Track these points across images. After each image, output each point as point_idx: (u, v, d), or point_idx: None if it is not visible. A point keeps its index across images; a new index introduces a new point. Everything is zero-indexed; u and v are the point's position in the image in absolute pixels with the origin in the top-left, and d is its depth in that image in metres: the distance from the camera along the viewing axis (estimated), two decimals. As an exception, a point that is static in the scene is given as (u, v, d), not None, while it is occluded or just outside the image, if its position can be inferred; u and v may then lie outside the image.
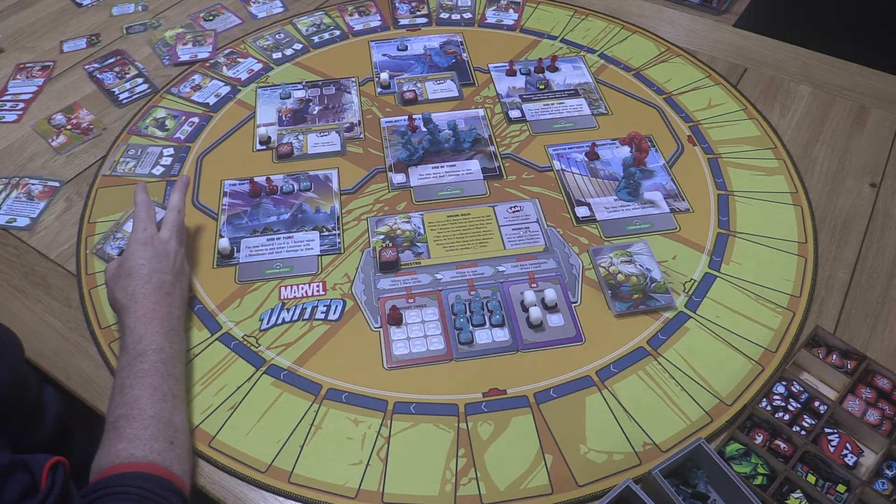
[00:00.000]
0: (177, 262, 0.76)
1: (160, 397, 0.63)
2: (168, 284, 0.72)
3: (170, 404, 0.63)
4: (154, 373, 0.64)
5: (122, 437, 0.59)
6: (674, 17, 1.21)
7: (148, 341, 0.66)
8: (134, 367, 0.64)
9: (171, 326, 0.70)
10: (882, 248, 0.85)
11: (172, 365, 0.67)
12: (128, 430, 0.60)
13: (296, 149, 0.97)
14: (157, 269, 0.73)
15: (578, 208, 0.89)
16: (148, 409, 0.61)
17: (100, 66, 1.12)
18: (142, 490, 0.56)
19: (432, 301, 0.79)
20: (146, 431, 0.60)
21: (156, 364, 0.65)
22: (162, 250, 0.75)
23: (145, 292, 0.70)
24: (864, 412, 0.68)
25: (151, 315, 0.68)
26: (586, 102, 1.04)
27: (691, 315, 0.78)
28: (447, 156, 0.96)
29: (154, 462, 0.58)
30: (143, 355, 0.65)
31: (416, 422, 0.69)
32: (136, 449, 0.58)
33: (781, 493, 0.63)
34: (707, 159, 0.95)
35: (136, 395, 0.62)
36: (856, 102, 1.04)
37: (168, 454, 0.60)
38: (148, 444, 0.59)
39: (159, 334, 0.67)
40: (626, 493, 0.61)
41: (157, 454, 0.59)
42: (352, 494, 0.64)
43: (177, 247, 0.77)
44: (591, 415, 0.70)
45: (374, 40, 1.16)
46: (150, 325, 0.67)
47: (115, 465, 0.57)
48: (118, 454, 0.58)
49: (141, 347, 0.66)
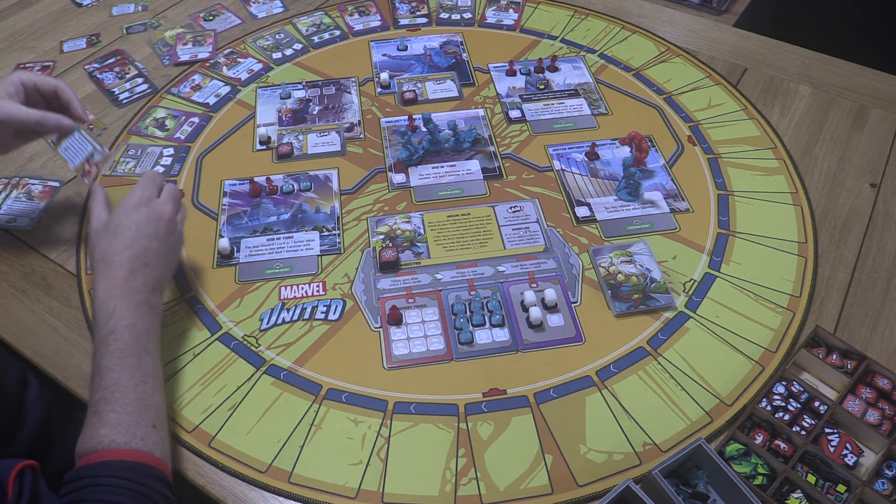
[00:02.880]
0: (169, 228, 0.72)
1: (140, 379, 0.61)
2: (151, 253, 0.69)
3: (150, 385, 0.62)
4: (130, 352, 0.62)
5: (104, 422, 0.58)
6: (674, 17, 1.21)
7: (119, 317, 0.64)
8: (108, 347, 0.62)
9: (144, 299, 0.67)
10: (882, 248, 0.85)
11: (147, 341, 0.65)
12: (110, 415, 0.59)
13: (296, 149, 0.97)
14: (142, 234, 0.69)
15: (578, 208, 0.89)
16: (129, 392, 0.60)
17: (100, 66, 1.12)
18: (124, 480, 0.55)
19: (432, 301, 0.79)
20: (128, 416, 0.59)
21: (129, 343, 0.63)
22: (154, 213, 0.71)
23: (122, 259, 0.67)
24: (864, 412, 0.68)
25: (123, 287, 0.66)
26: (586, 102, 1.04)
27: (691, 315, 0.78)
28: (447, 156, 0.96)
29: (137, 448, 0.58)
30: (115, 333, 0.63)
31: (416, 422, 0.69)
32: (117, 435, 0.57)
33: (781, 493, 0.63)
34: (707, 159, 0.95)
35: (115, 378, 0.61)
36: (856, 102, 1.04)
37: (150, 438, 0.59)
38: (130, 430, 0.58)
39: (130, 308, 0.65)
40: (626, 493, 0.61)
41: (139, 440, 0.58)
42: (352, 494, 0.64)
43: (172, 212, 0.73)
44: (591, 415, 0.70)
45: (374, 40, 1.16)
46: (119, 300, 0.65)
47: (97, 452, 0.57)
48: (100, 440, 0.57)
49: (112, 324, 0.63)
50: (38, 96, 0.80)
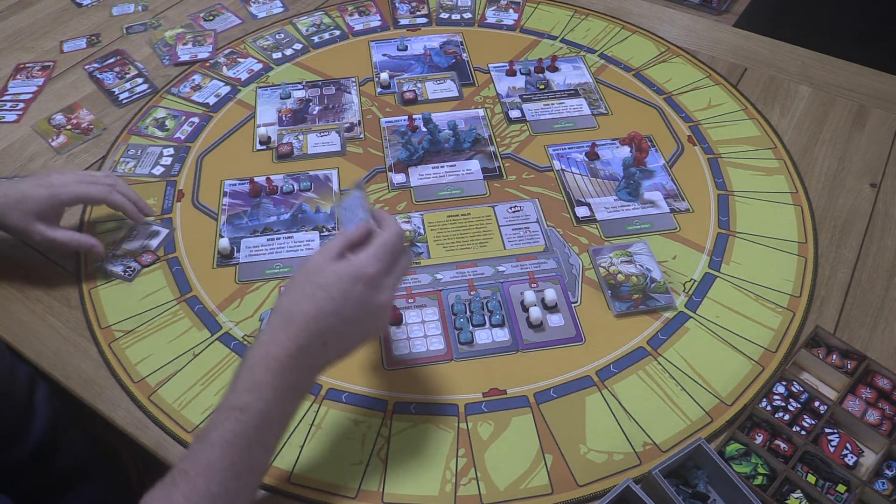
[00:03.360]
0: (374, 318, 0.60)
1: (234, 474, 0.53)
2: (337, 337, 0.57)
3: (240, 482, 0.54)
4: (243, 441, 0.53)
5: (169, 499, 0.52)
6: (674, 17, 1.21)
7: (257, 396, 0.54)
8: (226, 422, 0.53)
9: (297, 383, 0.56)
10: (882, 248, 0.85)
11: (269, 432, 0.55)
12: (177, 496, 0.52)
13: (296, 149, 0.97)
14: (344, 314, 0.56)
15: (578, 208, 0.89)
16: (214, 481, 0.52)
17: (100, 66, 1.12)
18: None
19: (432, 301, 0.79)
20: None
21: (249, 428, 0.53)
22: (375, 302, 0.58)
23: (304, 327, 0.55)
24: (864, 412, 0.68)
25: (283, 362, 0.55)
26: (586, 102, 1.04)
27: (691, 315, 0.78)
28: (447, 156, 0.96)
29: None
30: (244, 410, 0.54)
31: (416, 422, 0.69)
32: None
33: (781, 493, 0.63)
34: (707, 159, 0.95)
35: (209, 459, 0.53)
36: (856, 102, 1.04)
37: None
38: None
39: (275, 390, 0.54)
40: (626, 493, 0.61)
41: None
42: (352, 494, 0.64)
43: (390, 303, 0.60)
44: (591, 415, 0.70)
45: (374, 40, 1.16)
46: (270, 375, 0.54)
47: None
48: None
49: (246, 400, 0.54)
50: None
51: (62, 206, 0.78)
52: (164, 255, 0.84)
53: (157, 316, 0.78)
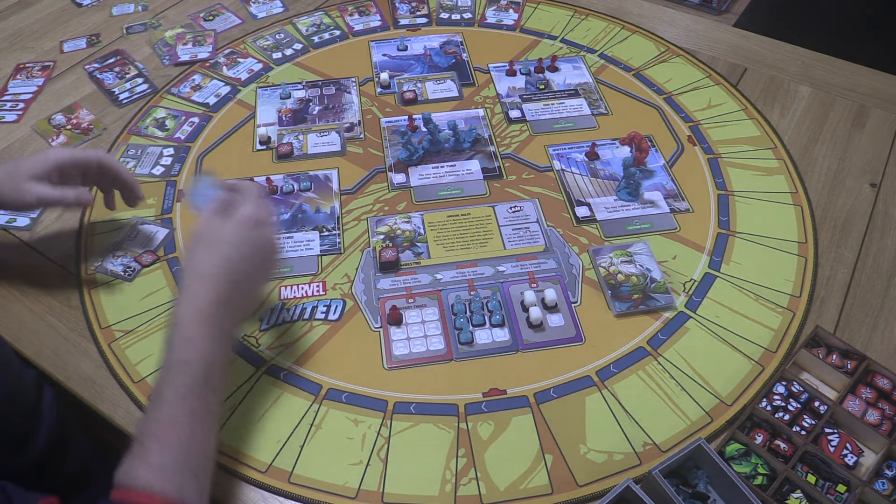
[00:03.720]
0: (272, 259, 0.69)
1: (197, 421, 0.57)
2: (248, 281, 0.65)
3: (203, 427, 0.58)
4: (195, 391, 0.58)
5: (146, 462, 0.55)
6: (674, 17, 1.21)
7: (196, 347, 0.59)
8: (175, 379, 0.58)
9: (228, 330, 0.62)
10: (882, 248, 0.85)
11: (215, 378, 0.60)
12: (153, 457, 0.55)
13: (296, 149, 0.97)
14: (247, 259, 0.64)
15: (578, 208, 0.89)
16: (181, 432, 0.56)
17: (100, 66, 1.12)
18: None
19: (432, 301, 0.79)
20: (172, 461, 0.55)
21: (198, 379, 0.58)
22: (266, 241, 0.67)
23: (219, 280, 0.62)
24: (864, 412, 0.68)
25: (209, 312, 0.61)
26: (586, 102, 1.04)
27: (691, 315, 0.78)
28: (447, 156, 0.96)
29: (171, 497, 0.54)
30: (188, 363, 0.58)
31: (416, 422, 0.69)
32: (155, 480, 0.54)
33: (781, 493, 0.63)
34: (707, 159, 0.95)
35: (171, 415, 0.57)
36: (856, 102, 1.04)
37: (189, 489, 0.55)
38: (171, 479, 0.54)
39: (210, 340, 0.60)
40: (626, 493, 0.61)
41: (177, 489, 0.55)
42: (352, 494, 0.64)
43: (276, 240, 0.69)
44: (591, 415, 0.70)
45: (374, 40, 1.16)
46: (202, 328, 0.60)
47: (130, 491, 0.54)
48: (137, 478, 0.54)
49: (187, 354, 0.59)
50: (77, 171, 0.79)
51: (55, 166, 0.76)
52: (164, 255, 0.84)
53: (157, 316, 0.78)
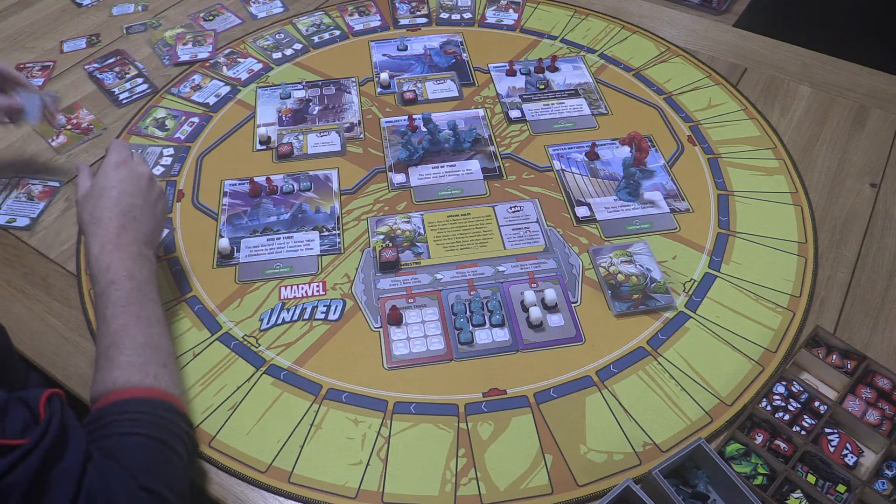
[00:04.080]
0: (150, 185, 0.75)
1: (146, 323, 0.63)
2: (137, 208, 0.71)
3: (156, 329, 0.64)
4: (132, 300, 0.64)
5: (116, 365, 0.59)
6: (674, 17, 1.21)
7: (116, 269, 0.65)
8: (110, 297, 0.64)
9: (138, 251, 0.68)
10: (882, 248, 0.85)
11: (147, 289, 0.66)
12: (120, 358, 0.60)
13: (296, 149, 0.97)
14: (126, 192, 0.71)
15: (578, 208, 0.89)
16: (137, 336, 0.62)
17: (100, 66, 1.12)
18: (142, 414, 0.56)
19: (432, 301, 0.79)
20: (139, 358, 0.60)
21: (130, 291, 0.64)
22: (134, 172, 0.73)
23: (111, 216, 0.69)
24: (864, 412, 0.68)
25: (116, 241, 0.67)
26: (586, 102, 1.04)
27: (691, 315, 0.78)
28: (447, 156, 0.96)
29: (151, 386, 0.59)
30: (115, 283, 0.64)
31: (416, 422, 0.69)
32: (131, 375, 0.59)
33: (781, 493, 0.63)
34: (707, 159, 0.95)
35: (122, 324, 0.62)
36: (856, 102, 1.04)
37: (163, 377, 0.60)
38: (143, 370, 0.59)
39: (126, 260, 0.66)
40: (626, 493, 0.61)
41: (152, 378, 0.59)
42: (352, 494, 0.64)
43: (149, 170, 0.76)
44: (591, 415, 0.70)
45: (374, 40, 1.16)
46: (115, 253, 0.66)
47: (112, 392, 0.58)
48: (114, 381, 0.58)
49: (111, 276, 0.65)
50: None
51: None
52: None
53: (157, 316, 0.78)
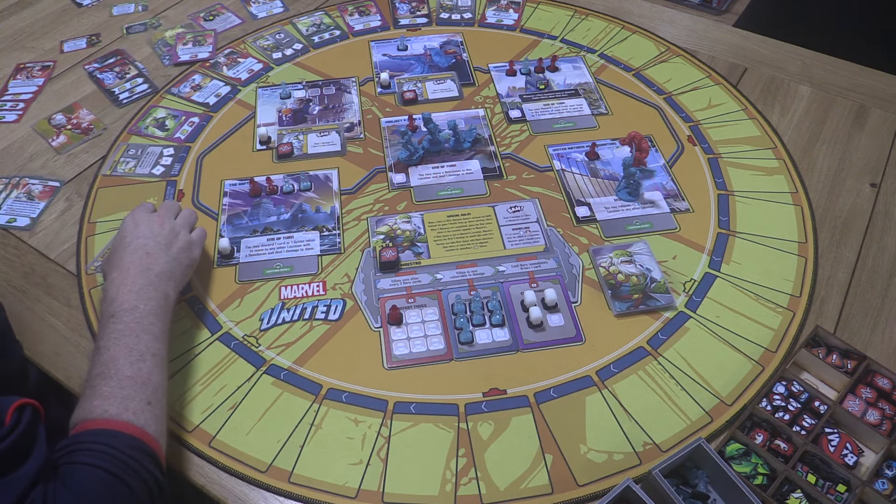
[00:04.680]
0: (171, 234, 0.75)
1: (137, 357, 0.62)
2: (151, 246, 0.72)
3: (148, 364, 0.62)
4: (129, 332, 0.63)
5: (98, 395, 0.59)
6: (674, 17, 1.21)
7: (120, 302, 0.65)
8: (108, 329, 0.64)
9: (147, 282, 0.68)
10: (882, 248, 0.85)
11: (149, 323, 0.65)
12: (104, 388, 0.59)
13: (296, 149, 0.97)
14: (142, 236, 0.72)
15: (578, 208, 0.89)
16: (125, 369, 0.61)
17: (100, 66, 1.12)
18: (108, 448, 0.55)
19: (432, 301, 0.79)
20: (122, 391, 0.59)
21: (129, 324, 0.64)
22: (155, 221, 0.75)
23: (122, 255, 0.70)
24: (864, 412, 0.68)
25: (124, 276, 0.68)
26: (586, 102, 1.04)
27: (691, 315, 0.78)
28: (447, 156, 0.96)
29: (128, 421, 0.58)
30: (115, 316, 0.64)
31: (417, 422, 0.69)
32: (110, 406, 0.58)
33: (781, 493, 0.63)
34: (707, 159, 0.95)
35: (111, 356, 0.61)
36: (856, 102, 1.04)
37: (143, 414, 0.59)
38: (123, 403, 0.58)
39: (131, 293, 0.66)
40: (626, 493, 0.61)
41: (131, 413, 0.58)
42: (352, 494, 0.64)
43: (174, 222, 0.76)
44: (591, 415, 0.70)
45: (374, 40, 1.16)
46: (122, 286, 0.67)
47: (88, 421, 0.57)
48: (92, 410, 0.58)
49: (113, 309, 0.65)
50: None
51: None
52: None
53: (157, 316, 0.78)
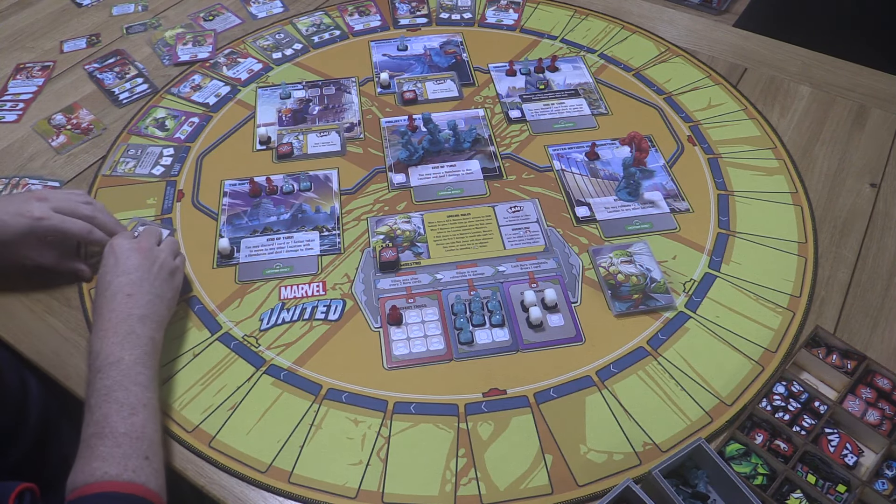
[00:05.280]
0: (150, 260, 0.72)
1: (129, 412, 0.60)
2: (132, 284, 0.69)
3: (140, 417, 0.61)
4: (117, 387, 0.61)
5: (96, 456, 0.57)
6: (674, 17, 1.21)
7: (104, 356, 0.63)
8: (96, 385, 0.62)
9: (129, 330, 0.66)
10: (882, 248, 0.85)
11: (136, 373, 0.63)
12: (101, 449, 0.58)
13: (296, 149, 0.97)
14: (122, 270, 0.69)
15: (578, 208, 0.89)
16: (118, 425, 0.59)
17: (100, 66, 1.12)
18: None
19: (432, 301, 0.79)
20: (119, 449, 0.58)
21: (116, 378, 0.62)
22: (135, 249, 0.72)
23: (105, 298, 0.68)
24: (864, 412, 0.68)
25: (106, 326, 0.65)
26: (586, 102, 1.04)
27: (691, 315, 0.78)
28: (447, 156, 0.96)
29: (129, 480, 0.57)
30: (101, 371, 0.63)
31: (416, 422, 0.69)
32: (109, 467, 0.57)
33: (781, 493, 0.63)
34: (707, 159, 0.95)
35: (104, 414, 0.60)
36: (856, 102, 1.04)
37: (143, 470, 0.58)
38: (122, 462, 0.57)
39: (115, 345, 0.64)
40: (626, 493, 0.61)
41: (131, 472, 0.57)
42: (352, 494, 0.64)
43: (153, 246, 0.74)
44: (591, 415, 0.70)
45: (374, 40, 1.16)
46: (105, 339, 0.64)
47: (89, 485, 0.56)
48: (92, 473, 0.57)
49: (98, 364, 0.63)
50: None
51: (43, 237, 0.76)
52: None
53: (157, 316, 0.78)
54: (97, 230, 0.77)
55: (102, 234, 0.78)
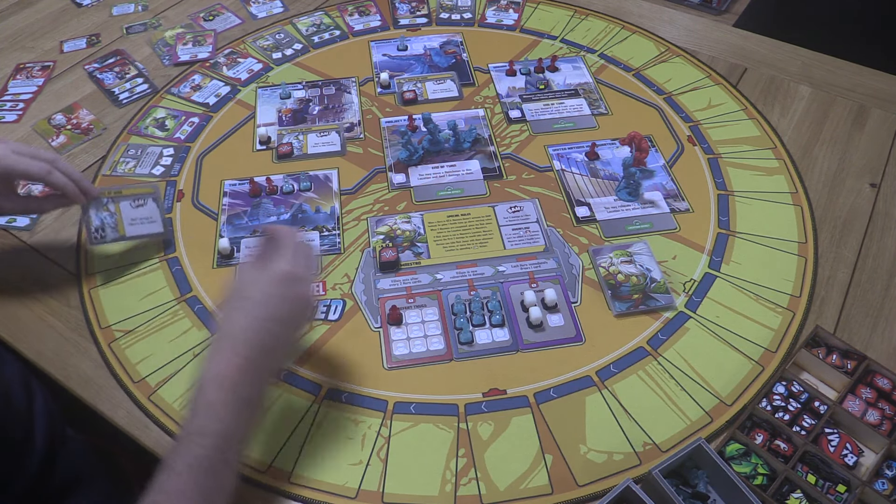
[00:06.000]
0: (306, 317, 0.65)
1: (203, 498, 0.54)
2: (277, 341, 0.61)
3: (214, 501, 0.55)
4: (206, 465, 0.54)
5: None
6: (674, 17, 1.21)
7: (213, 418, 0.56)
8: (188, 448, 0.55)
9: (248, 397, 0.58)
10: (882, 248, 0.85)
11: (231, 451, 0.56)
12: None
13: (296, 149, 0.97)
14: (276, 317, 0.60)
15: (578, 208, 0.89)
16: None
17: (100, 66, 1.12)
18: None
19: (432, 301, 0.79)
20: None
21: (211, 451, 0.55)
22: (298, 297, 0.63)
23: (245, 341, 0.58)
24: (864, 412, 0.68)
25: (233, 378, 0.57)
26: (586, 102, 1.04)
27: (691, 315, 0.78)
28: (447, 156, 0.96)
29: None
30: (202, 435, 0.55)
31: (416, 422, 0.69)
32: None
33: (781, 493, 0.63)
34: (707, 159, 0.95)
35: (177, 487, 0.53)
36: (856, 102, 1.04)
37: None
38: None
39: (228, 410, 0.56)
40: (626, 493, 0.61)
41: None
42: (352, 494, 0.64)
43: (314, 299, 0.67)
44: (591, 415, 0.70)
45: (374, 40, 1.16)
46: (222, 394, 0.56)
47: None
48: None
49: (202, 424, 0.55)
50: None
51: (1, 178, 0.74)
52: (164, 255, 0.84)
53: (157, 316, 0.78)
54: (57, 172, 0.75)
55: (61, 176, 0.75)
